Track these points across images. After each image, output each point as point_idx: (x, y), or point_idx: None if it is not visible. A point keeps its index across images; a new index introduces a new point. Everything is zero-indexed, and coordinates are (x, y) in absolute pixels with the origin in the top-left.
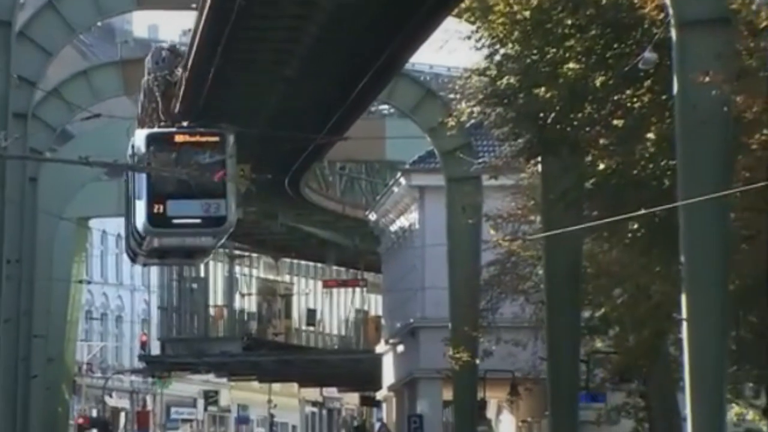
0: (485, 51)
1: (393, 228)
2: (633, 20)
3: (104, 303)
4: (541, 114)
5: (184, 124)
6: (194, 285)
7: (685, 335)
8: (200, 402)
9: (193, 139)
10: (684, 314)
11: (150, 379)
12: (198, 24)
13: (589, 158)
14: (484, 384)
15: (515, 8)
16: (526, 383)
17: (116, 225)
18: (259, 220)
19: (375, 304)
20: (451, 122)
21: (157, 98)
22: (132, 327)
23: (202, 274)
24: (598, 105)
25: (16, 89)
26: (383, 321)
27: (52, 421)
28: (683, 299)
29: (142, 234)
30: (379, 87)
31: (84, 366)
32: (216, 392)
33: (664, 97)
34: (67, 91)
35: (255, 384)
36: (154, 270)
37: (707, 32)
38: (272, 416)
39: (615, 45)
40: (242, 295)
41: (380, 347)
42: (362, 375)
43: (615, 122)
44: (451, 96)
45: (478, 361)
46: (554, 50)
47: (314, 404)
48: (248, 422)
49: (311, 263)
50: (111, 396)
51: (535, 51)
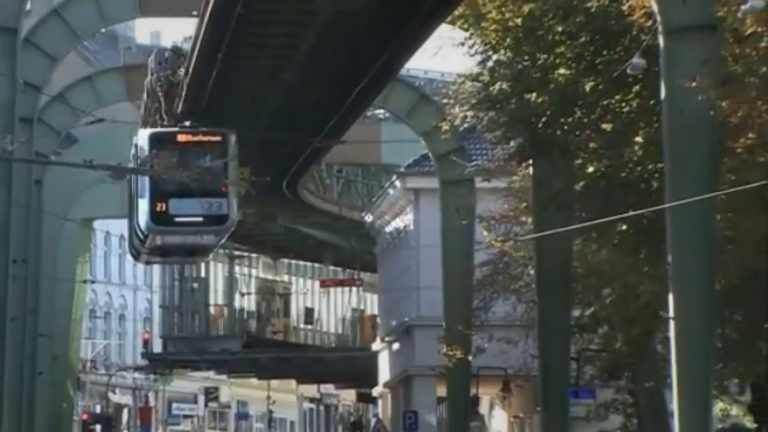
0: (478, 57)
1: (388, 229)
2: (621, 27)
3: (108, 302)
4: (533, 118)
5: (187, 124)
6: (195, 284)
7: (673, 334)
8: (201, 398)
9: (196, 139)
10: (671, 313)
11: (152, 376)
12: (199, 31)
13: (579, 161)
14: (477, 381)
15: (507, 16)
16: (518, 380)
17: (119, 226)
18: (259, 222)
19: (371, 303)
20: (445, 126)
21: (160, 98)
22: (135, 325)
23: (203, 274)
24: (588, 109)
25: (22, 94)
26: (379, 319)
27: (57, 417)
28: (670, 299)
29: (145, 232)
30: (375, 92)
31: (88, 363)
32: (216, 389)
33: (652, 102)
34: (72, 96)
35: (254, 381)
36: (156, 270)
37: (694, 39)
38: (271, 412)
39: (604, 51)
40: (242, 295)
41: (376, 345)
42: (359, 372)
43: (604, 126)
44: (445, 101)
45: (471, 359)
46: (545, 56)
47: (312, 400)
48: (247, 418)
49: (309, 263)
50: (114, 392)
51: (527, 57)
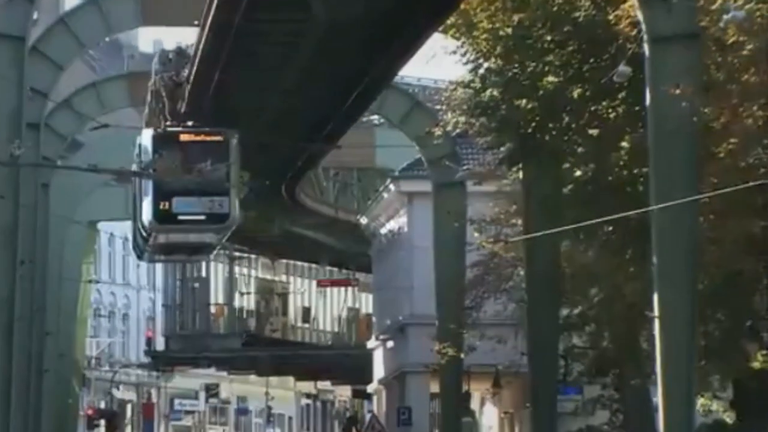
0: (470, 65)
1: (383, 231)
2: (608, 36)
3: (112, 301)
4: (522, 124)
5: (189, 124)
6: (196, 284)
7: (657, 332)
8: (202, 394)
9: (198, 139)
10: (656, 312)
11: (155, 373)
12: (200, 40)
13: (567, 165)
14: (469, 377)
15: (498, 25)
16: (508, 377)
17: (123, 228)
18: (258, 224)
19: (366, 303)
20: (438, 132)
21: (164, 99)
22: (138, 324)
23: (204, 274)
24: (576, 115)
25: (30, 101)
26: (374, 318)
27: (63, 413)
28: (655, 298)
29: (148, 230)
30: (371, 98)
31: (93, 360)
32: (217, 385)
33: (637, 108)
34: (77, 103)
35: (253, 377)
36: (159, 270)
37: (678, 47)
38: (270, 408)
39: (591, 59)
40: (241, 294)
41: (371, 343)
42: (354, 369)
43: (591, 132)
44: (438, 107)
45: (463, 356)
46: (534, 64)
47: (309, 396)
48: (247, 413)
49: (306, 264)
50: (118, 389)
51: (517, 65)
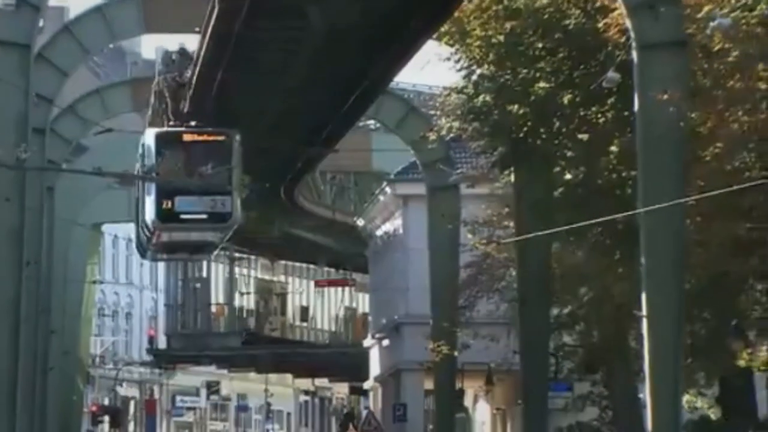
0: (463, 71)
1: (379, 233)
2: (597, 43)
3: (115, 301)
4: (514, 128)
5: (192, 124)
6: (197, 284)
7: (645, 331)
8: (203, 391)
9: (201, 138)
10: (644, 311)
11: (157, 371)
12: (201, 47)
13: (558, 169)
14: (462, 375)
15: (490, 33)
16: (501, 374)
17: (127, 229)
18: (258, 225)
19: (363, 302)
20: (432, 136)
21: (167, 99)
22: (141, 323)
23: (205, 275)
24: (566, 120)
25: (35, 106)
26: (370, 317)
27: (68, 409)
28: (643, 298)
29: (151, 228)
30: (367, 104)
31: (97, 359)
32: (217, 383)
33: (626, 114)
34: (82, 108)
35: (253, 375)
36: (161, 270)
37: (665, 54)
38: (269, 404)
39: (581, 66)
40: (241, 294)
41: (367, 341)
42: (351, 367)
43: (581, 136)
44: (432, 112)
45: (457, 354)
46: (526, 71)
47: (307, 393)
48: (247, 410)
49: (304, 265)
50: (121, 386)
51: (509, 71)
